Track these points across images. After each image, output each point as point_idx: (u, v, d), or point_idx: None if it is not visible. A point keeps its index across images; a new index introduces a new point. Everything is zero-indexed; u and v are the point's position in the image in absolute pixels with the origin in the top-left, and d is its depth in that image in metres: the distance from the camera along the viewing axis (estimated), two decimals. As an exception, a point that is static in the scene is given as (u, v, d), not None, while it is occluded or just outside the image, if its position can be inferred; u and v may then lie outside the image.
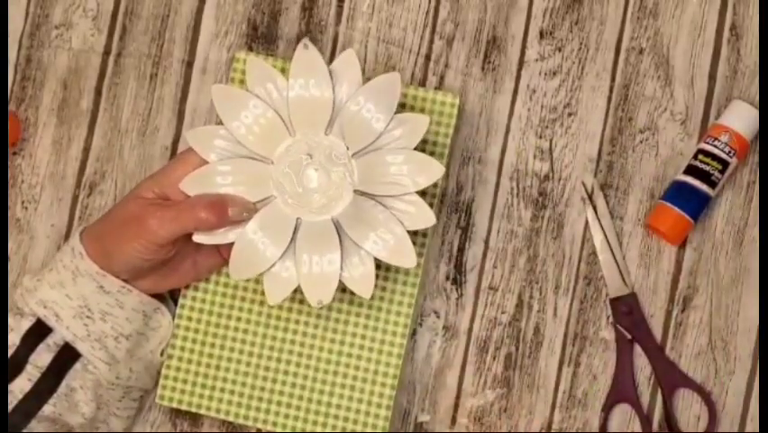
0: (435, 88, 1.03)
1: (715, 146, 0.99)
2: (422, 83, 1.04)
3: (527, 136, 1.03)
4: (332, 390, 0.98)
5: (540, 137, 1.03)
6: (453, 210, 1.03)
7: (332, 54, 1.04)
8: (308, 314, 0.98)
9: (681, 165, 1.01)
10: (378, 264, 0.93)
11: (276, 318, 0.99)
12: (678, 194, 1.00)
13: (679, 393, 1.00)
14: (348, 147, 0.92)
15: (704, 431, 0.99)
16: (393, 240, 0.90)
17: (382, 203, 0.91)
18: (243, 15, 1.05)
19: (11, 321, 0.94)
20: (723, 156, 0.99)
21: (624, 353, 1.00)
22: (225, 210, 0.91)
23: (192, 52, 1.06)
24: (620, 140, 1.02)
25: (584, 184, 1.02)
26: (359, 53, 1.04)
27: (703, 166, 0.99)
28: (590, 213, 1.02)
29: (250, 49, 1.05)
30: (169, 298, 1.00)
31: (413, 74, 1.04)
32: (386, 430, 0.97)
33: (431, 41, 1.04)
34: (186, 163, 0.93)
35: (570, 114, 1.03)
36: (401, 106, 0.98)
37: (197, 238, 0.92)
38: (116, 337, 0.94)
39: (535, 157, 1.03)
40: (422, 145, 0.97)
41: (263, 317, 0.99)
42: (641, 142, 1.02)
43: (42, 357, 0.93)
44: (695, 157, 1.00)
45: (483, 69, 1.04)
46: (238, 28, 1.05)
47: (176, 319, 0.99)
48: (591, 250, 1.02)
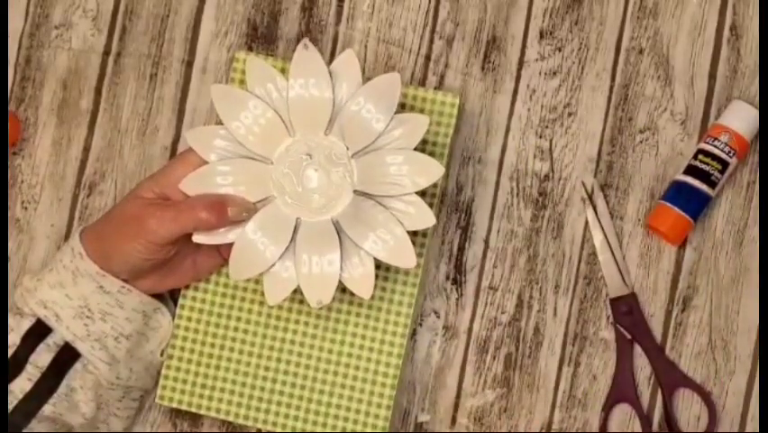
0: (435, 88, 1.03)
1: (715, 146, 0.99)
2: (422, 83, 1.04)
3: (527, 136, 1.03)
4: (332, 390, 0.98)
5: (540, 137, 1.03)
6: (453, 210, 1.03)
7: (332, 54, 1.04)
8: (308, 314, 0.98)
9: (681, 165, 1.01)
10: (377, 264, 0.93)
11: (276, 318, 0.99)
12: (678, 194, 1.00)
13: (679, 393, 1.00)
14: (348, 147, 0.91)
15: (704, 431, 0.99)
16: (393, 240, 0.90)
17: (382, 203, 0.91)
18: (243, 15, 1.05)
19: (11, 321, 0.94)
20: (723, 156, 0.99)
21: (624, 353, 1.00)
22: (225, 210, 0.91)
23: (192, 52, 1.06)
24: (620, 140, 1.02)
25: (584, 184, 1.02)
26: (359, 53, 1.04)
27: (703, 166, 0.99)
28: (590, 213, 1.02)
29: (250, 49, 1.05)
30: (169, 298, 1.00)
31: (413, 74, 1.04)
32: (386, 430, 0.97)
33: (431, 41, 1.04)
34: (185, 163, 0.93)
35: (570, 114, 1.03)
36: (401, 106, 0.98)
37: (197, 238, 0.92)
38: (116, 337, 0.94)
39: (535, 157, 1.03)
40: (422, 145, 0.97)
41: (263, 317, 0.99)
42: (641, 142, 1.02)
43: (42, 357, 0.93)
44: (695, 157, 1.00)
45: (483, 69, 1.04)
46: (238, 28, 1.05)
47: (176, 319, 0.99)
48: (591, 250, 1.02)
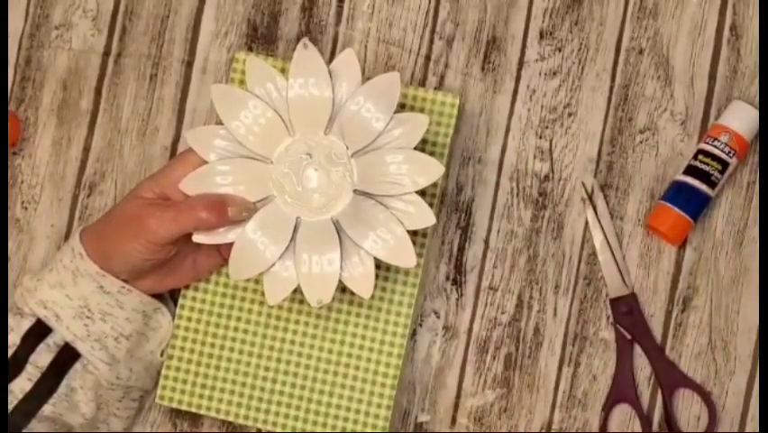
0: (435, 88, 1.03)
1: (715, 146, 0.99)
2: (422, 83, 1.04)
3: (527, 136, 1.03)
4: (332, 390, 0.98)
5: (540, 137, 1.03)
6: (453, 210, 1.03)
7: (332, 54, 1.04)
8: (308, 314, 0.98)
9: (681, 165, 1.01)
10: (377, 264, 0.93)
11: (276, 318, 0.99)
12: (678, 194, 1.00)
13: (679, 393, 1.00)
14: (347, 147, 0.91)
15: (704, 431, 0.99)
16: (393, 240, 0.90)
17: (382, 203, 0.91)
18: (243, 16, 1.05)
19: (11, 321, 0.94)
20: (723, 156, 0.99)
21: (624, 353, 1.00)
22: (225, 210, 0.91)
23: (192, 52, 1.06)
24: (620, 140, 1.02)
25: (584, 184, 1.02)
26: (359, 53, 1.04)
27: (703, 166, 0.99)
28: (590, 213, 1.02)
29: (250, 49, 1.05)
30: (169, 298, 1.00)
31: (413, 74, 1.04)
32: (386, 430, 0.97)
33: (431, 41, 1.04)
34: (185, 163, 0.93)
35: (570, 114, 1.03)
36: (401, 106, 0.98)
37: (197, 238, 0.92)
38: (116, 338, 0.94)
39: (535, 157, 1.03)
40: (422, 145, 0.97)
41: (263, 317, 0.99)
42: (641, 142, 1.02)
43: (42, 357, 0.93)
44: (695, 157, 1.00)
45: (483, 70, 1.04)
46: (238, 28, 1.05)
47: (176, 319, 0.99)
48: (591, 250, 1.02)
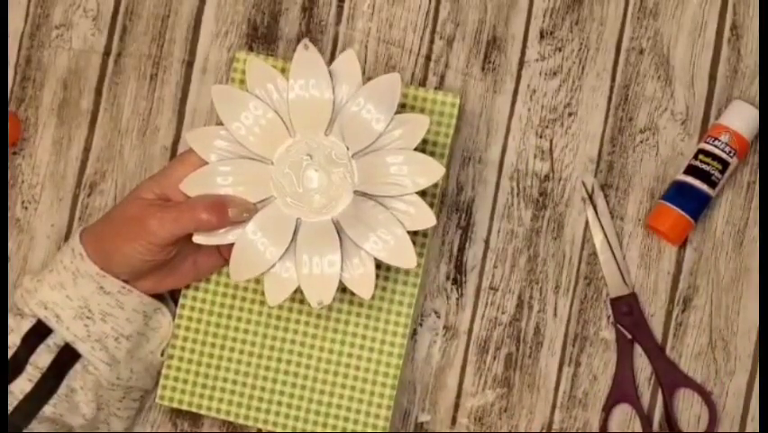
0: (436, 88, 1.03)
1: (715, 146, 0.99)
2: (422, 83, 1.04)
3: (527, 136, 1.03)
4: (332, 390, 0.98)
5: (540, 137, 1.03)
6: (453, 210, 1.03)
7: (332, 54, 1.04)
8: (308, 314, 0.98)
9: (682, 165, 1.01)
10: (378, 264, 0.93)
11: (276, 318, 0.99)
12: (678, 194, 1.00)
13: (679, 393, 1.00)
14: (348, 148, 0.91)
15: (704, 431, 0.99)
16: (393, 241, 0.90)
17: (382, 203, 0.91)
18: (243, 16, 1.05)
19: (11, 322, 0.94)
20: (723, 156, 0.99)
21: (624, 353, 1.00)
22: (226, 211, 0.91)
23: (192, 52, 1.05)
24: (620, 140, 1.02)
25: (584, 184, 1.02)
26: (359, 53, 1.04)
27: (703, 166, 0.99)
28: (591, 213, 1.02)
29: (250, 49, 1.05)
30: (170, 298, 1.00)
31: (413, 74, 1.04)
32: (386, 430, 0.97)
33: (431, 42, 1.04)
34: (186, 164, 0.93)
35: (570, 114, 1.03)
36: (401, 107, 0.98)
37: (197, 239, 0.92)
38: (117, 338, 0.94)
39: (536, 157, 1.03)
40: (422, 145, 0.97)
41: (263, 317, 0.99)
42: (641, 142, 1.02)
43: (43, 358, 0.93)
44: (695, 157, 1.00)
45: (483, 70, 1.04)
46: (238, 28, 1.05)
47: (176, 319, 0.99)
48: (592, 250, 1.02)
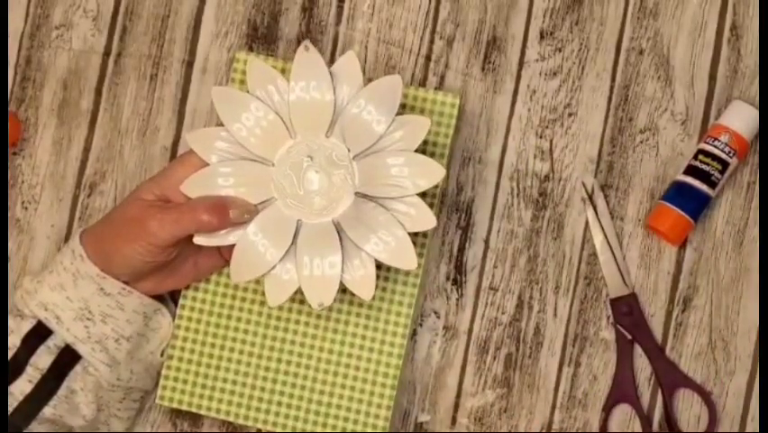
0: (436, 89, 1.03)
1: (715, 146, 0.99)
2: (422, 83, 1.04)
3: (527, 136, 1.03)
4: (332, 390, 0.98)
5: (540, 137, 1.03)
6: (454, 210, 1.03)
7: (332, 54, 1.04)
8: (308, 314, 0.98)
9: (682, 165, 1.01)
10: (378, 265, 0.93)
11: (276, 319, 0.99)
12: (678, 194, 1.00)
13: (679, 393, 1.00)
14: (349, 149, 0.91)
15: (704, 431, 1.00)
16: (394, 242, 0.90)
17: (383, 205, 0.91)
18: (243, 16, 1.05)
19: (11, 323, 0.94)
20: (723, 156, 0.99)
21: (624, 353, 1.00)
22: (226, 212, 0.91)
23: (192, 53, 1.05)
24: (620, 140, 1.02)
25: (584, 184, 1.02)
26: (359, 54, 1.04)
27: (703, 166, 0.99)
28: (591, 213, 1.02)
29: (250, 49, 1.05)
30: (170, 298, 1.00)
31: (413, 74, 1.04)
32: (386, 430, 0.97)
33: (431, 42, 1.04)
34: (186, 165, 0.93)
35: (570, 114, 1.03)
36: (401, 107, 0.98)
37: (198, 240, 0.92)
38: (117, 339, 0.94)
39: (536, 157, 1.03)
40: (422, 146, 0.96)
41: (263, 317, 0.99)
42: (641, 142, 1.02)
43: (43, 359, 0.93)
44: (695, 157, 1.00)
45: (483, 70, 1.04)
46: (238, 28, 1.05)
47: (176, 320, 0.99)
48: (591, 250, 1.02)
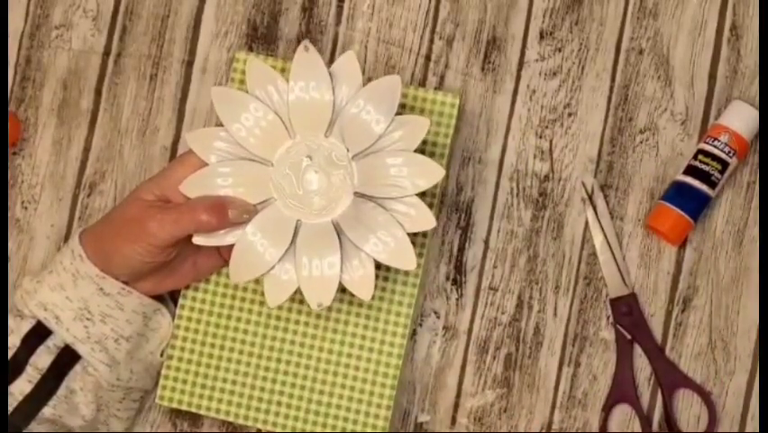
0: (435, 89, 1.03)
1: (715, 146, 0.99)
2: (422, 83, 1.04)
3: (527, 136, 1.03)
4: (332, 390, 0.98)
5: (540, 137, 1.03)
6: (453, 210, 1.03)
7: (332, 54, 1.04)
8: (308, 314, 0.98)
9: (681, 165, 1.01)
10: (378, 264, 0.93)
11: (276, 319, 0.99)
12: (678, 194, 1.00)
13: (679, 393, 1.00)
14: (348, 149, 0.91)
15: (704, 431, 1.00)
16: (393, 242, 0.90)
17: (382, 205, 0.91)
18: (243, 16, 1.05)
19: (11, 323, 0.94)
20: (723, 156, 0.99)
21: (624, 353, 1.00)
22: (225, 212, 0.91)
23: (192, 52, 1.05)
24: (620, 140, 1.02)
25: (584, 184, 1.02)
26: (359, 53, 1.04)
27: (703, 166, 0.99)
28: (590, 213, 1.02)
29: (250, 49, 1.05)
30: (169, 298, 1.00)
31: (413, 74, 1.04)
32: (386, 430, 0.97)
33: (431, 42, 1.04)
34: (186, 165, 0.93)
35: (570, 114, 1.03)
36: (401, 107, 0.98)
37: (197, 240, 0.92)
38: (116, 339, 0.94)
39: (535, 157, 1.03)
40: (422, 146, 0.96)
41: (263, 317, 0.99)
42: (641, 142, 1.02)
43: (42, 359, 0.93)
44: (695, 157, 1.00)
45: (483, 70, 1.03)
46: (238, 28, 1.05)
47: (176, 320, 0.99)
48: (591, 250, 1.02)
